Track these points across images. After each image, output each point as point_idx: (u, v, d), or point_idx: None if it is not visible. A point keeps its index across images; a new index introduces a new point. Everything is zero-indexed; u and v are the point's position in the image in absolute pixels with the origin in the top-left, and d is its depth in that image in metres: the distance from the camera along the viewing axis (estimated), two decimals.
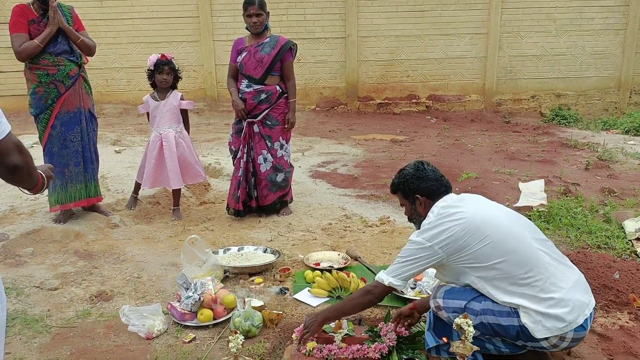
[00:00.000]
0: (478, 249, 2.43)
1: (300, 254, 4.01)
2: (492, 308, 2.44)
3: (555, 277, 2.40)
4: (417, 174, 2.73)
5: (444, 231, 2.48)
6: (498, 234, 2.44)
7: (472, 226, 2.46)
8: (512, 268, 2.39)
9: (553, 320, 2.32)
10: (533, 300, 2.35)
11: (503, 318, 2.40)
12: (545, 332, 2.33)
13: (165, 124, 4.81)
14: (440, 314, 2.58)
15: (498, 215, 2.58)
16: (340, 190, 5.86)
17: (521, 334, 2.38)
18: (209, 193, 5.69)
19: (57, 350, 2.87)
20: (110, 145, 7.68)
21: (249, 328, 2.95)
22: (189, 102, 4.90)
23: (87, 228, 4.58)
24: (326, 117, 11.01)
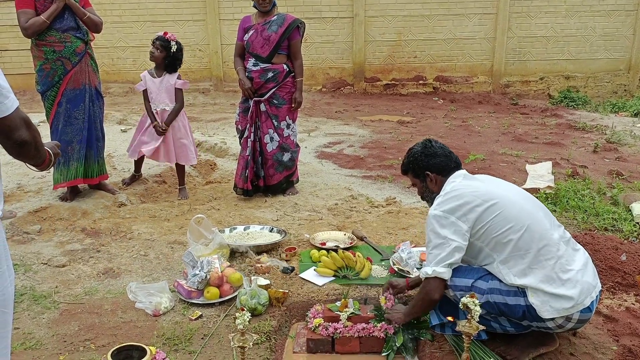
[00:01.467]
0: (495, 222, 2.43)
1: (307, 233, 4.01)
2: (499, 287, 2.44)
3: (565, 258, 2.41)
4: (426, 152, 2.74)
5: (462, 202, 2.48)
6: (513, 209, 2.45)
7: (487, 196, 2.47)
8: (527, 245, 2.39)
9: (561, 300, 2.33)
10: (544, 281, 2.35)
11: (510, 297, 2.41)
12: (552, 312, 2.33)
13: (160, 102, 4.78)
14: (446, 292, 2.58)
15: (512, 191, 2.59)
16: (347, 171, 5.85)
17: (527, 314, 2.39)
18: (215, 172, 5.69)
19: (65, 325, 2.89)
20: (116, 124, 7.68)
21: (255, 306, 2.96)
22: (184, 81, 4.84)
23: (93, 206, 4.60)
24: (332, 97, 10.96)
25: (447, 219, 2.50)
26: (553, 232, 2.47)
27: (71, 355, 2.64)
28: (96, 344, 2.72)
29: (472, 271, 2.55)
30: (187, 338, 2.76)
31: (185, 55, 4.96)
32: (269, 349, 2.72)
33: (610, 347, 2.61)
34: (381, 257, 3.62)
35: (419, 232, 4.04)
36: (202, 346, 2.70)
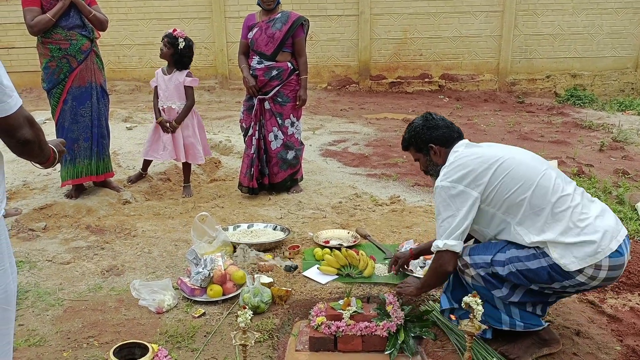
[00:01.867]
0: (504, 183, 2.40)
1: (310, 231, 4.01)
2: (518, 254, 2.40)
3: (581, 206, 2.37)
4: (427, 124, 2.71)
5: (468, 170, 2.45)
6: (520, 167, 2.42)
7: (492, 159, 2.45)
8: (540, 201, 2.36)
9: (583, 247, 2.28)
10: (563, 233, 2.31)
11: (530, 262, 2.36)
12: (577, 262, 2.28)
13: (169, 99, 4.79)
14: (467, 272, 2.54)
15: (518, 152, 2.56)
16: (351, 169, 5.85)
17: (554, 274, 2.33)
18: (219, 170, 5.70)
19: (69, 322, 2.91)
20: (122, 122, 7.71)
21: (257, 304, 2.97)
22: (193, 79, 4.85)
23: (98, 203, 4.62)
24: (338, 95, 10.95)
25: (455, 188, 2.46)
26: (565, 185, 2.42)
27: (75, 352, 2.65)
28: (99, 341, 2.73)
29: (490, 247, 2.52)
30: (190, 335, 2.77)
31: None
32: (271, 347, 2.72)
33: (613, 347, 2.60)
34: (384, 255, 3.62)
35: (422, 230, 4.03)
36: (204, 344, 2.70)
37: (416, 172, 5.66)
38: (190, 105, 4.85)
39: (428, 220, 4.27)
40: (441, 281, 2.69)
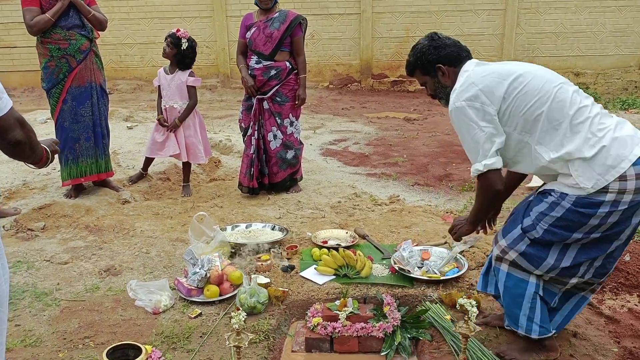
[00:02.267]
0: (520, 98, 2.27)
1: (309, 231, 4.00)
2: (541, 210, 2.31)
3: (599, 117, 2.26)
4: (434, 44, 2.55)
5: (482, 86, 2.32)
6: (536, 81, 2.30)
7: (507, 74, 2.32)
8: (558, 114, 2.24)
9: (604, 158, 2.18)
10: (582, 145, 2.20)
11: (554, 211, 2.26)
12: (600, 178, 2.17)
13: (171, 99, 4.79)
14: (507, 257, 2.43)
15: (533, 66, 2.43)
16: (351, 169, 5.83)
17: (582, 210, 2.21)
18: (219, 170, 5.70)
19: (65, 323, 2.91)
20: (123, 121, 7.71)
21: (254, 305, 2.96)
22: (196, 79, 4.85)
23: (97, 203, 4.62)
24: (339, 94, 10.94)
25: (472, 107, 2.31)
26: (582, 98, 2.31)
27: (70, 353, 2.65)
28: (95, 342, 2.73)
29: (514, 219, 2.45)
30: (186, 336, 2.77)
31: None
32: (267, 348, 2.71)
33: (610, 349, 2.58)
34: (382, 255, 3.61)
35: (421, 230, 4.02)
36: (200, 344, 2.70)
37: (416, 172, 5.65)
38: (193, 104, 4.85)
39: (427, 220, 4.26)
40: (494, 203, 2.51)
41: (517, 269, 2.43)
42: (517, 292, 2.44)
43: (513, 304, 2.47)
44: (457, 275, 3.22)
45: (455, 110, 2.35)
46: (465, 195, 4.93)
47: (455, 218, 2.73)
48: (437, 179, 5.39)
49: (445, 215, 4.35)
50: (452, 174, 5.51)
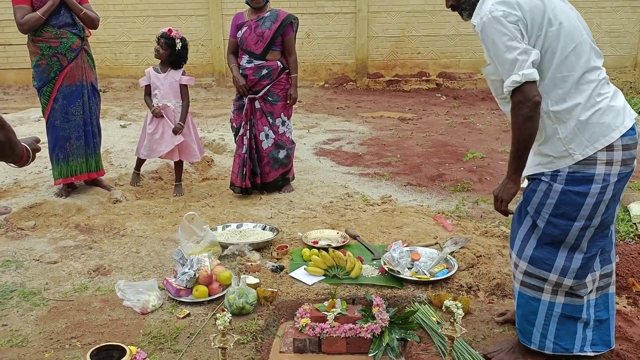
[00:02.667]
0: (549, 33, 2.18)
1: (300, 231, 3.99)
2: (536, 200, 2.31)
3: (604, 81, 2.24)
4: None
5: (521, 2, 2.18)
6: (568, 23, 2.20)
7: (547, 1, 2.21)
8: (571, 66, 2.18)
9: (595, 125, 2.17)
10: (580, 108, 2.19)
11: (549, 197, 2.26)
12: (587, 145, 2.17)
13: (165, 97, 4.77)
14: (519, 269, 2.42)
15: (566, 4, 2.32)
16: (344, 168, 5.83)
17: (575, 188, 2.19)
18: (211, 169, 5.69)
19: (52, 323, 2.89)
20: (116, 120, 7.69)
21: (242, 305, 2.95)
22: (190, 78, 4.84)
23: (88, 202, 4.60)
24: (335, 93, 10.93)
25: (509, 17, 2.16)
26: (597, 57, 2.25)
27: (57, 353, 2.64)
28: (82, 342, 2.72)
29: (515, 227, 2.44)
30: (174, 337, 2.76)
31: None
32: (254, 349, 2.71)
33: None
34: (373, 256, 3.60)
35: (412, 231, 4.01)
36: (187, 345, 2.69)
37: (409, 172, 5.65)
38: (188, 103, 4.85)
39: (419, 221, 4.25)
40: (534, 124, 2.19)
41: (528, 288, 2.40)
42: (529, 310, 2.42)
43: (525, 322, 2.45)
44: (447, 276, 3.21)
45: (490, 20, 2.19)
46: (457, 195, 4.93)
47: (494, 190, 2.43)
48: (429, 179, 5.39)
49: (437, 216, 4.34)
50: (445, 174, 5.51)
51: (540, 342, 2.42)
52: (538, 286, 2.38)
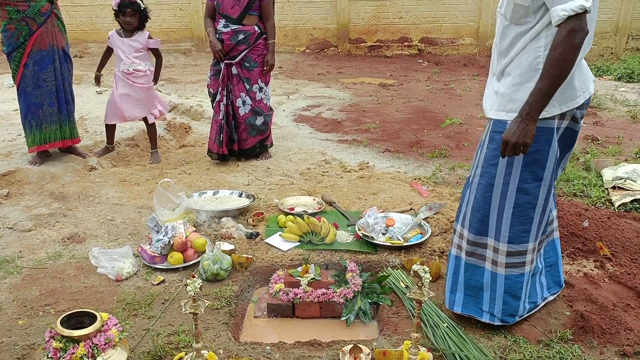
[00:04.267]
0: None
1: (276, 198, 4.00)
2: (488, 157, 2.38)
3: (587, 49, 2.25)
4: None
5: None
6: None
7: None
8: (593, 15, 2.18)
9: (567, 88, 2.22)
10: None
11: (522, 182, 2.33)
12: (555, 105, 2.23)
13: (134, 62, 4.67)
14: (500, 253, 2.45)
15: None
16: (322, 135, 5.81)
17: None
18: (189, 136, 5.64)
19: (26, 290, 2.89)
20: (92, 86, 7.53)
21: (217, 271, 2.97)
22: (156, 40, 4.74)
23: (63, 170, 4.55)
24: (316, 59, 10.82)
25: None
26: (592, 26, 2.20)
27: (30, 320, 2.64)
28: (56, 309, 2.73)
29: (483, 215, 2.45)
30: (148, 303, 2.77)
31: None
32: (228, 314, 2.73)
33: (563, 313, 2.65)
34: (348, 222, 3.63)
35: (388, 197, 4.04)
36: (161, 311, 2.71)
37: (387, 138, 5.65)
38: (161, 61, 4.86)
39: (395, 187, 4.28)
40: (577, 54, 2.10)
41: (512, 267, 2.46)
42: (515, 286, 2.48)
43: (511, 298, 2.48)
44: (420, 241, 3.26)
45: None
46: (434, 161, 4.95)
47: (505, 136, 2.23)
48: (407, 146, 5.40)
49: (413, 182, 4.37)
50: (423, 140, 5.52)
51: (522, 310, 2.51)
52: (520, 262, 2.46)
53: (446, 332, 2.45)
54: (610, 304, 2.69)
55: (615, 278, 2.96)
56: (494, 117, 2.38)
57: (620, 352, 2.36)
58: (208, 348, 2.39)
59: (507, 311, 2.48)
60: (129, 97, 4.73)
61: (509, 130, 2.21)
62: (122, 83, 4.72)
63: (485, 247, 2.47)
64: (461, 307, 2.55)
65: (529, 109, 2.16)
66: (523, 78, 2.24)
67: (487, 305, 2.50)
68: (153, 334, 2.51)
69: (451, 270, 2.62)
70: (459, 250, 2.58)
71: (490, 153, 2.38)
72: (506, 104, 2.32)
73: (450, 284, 2.61)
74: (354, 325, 2.76)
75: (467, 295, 2.54)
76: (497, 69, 2.38)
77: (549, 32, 2.16)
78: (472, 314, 2.53)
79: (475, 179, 2.47)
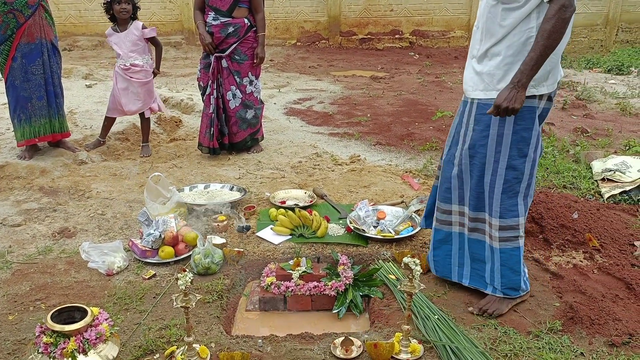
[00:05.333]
0: None
1: (267, 192, 4.00)
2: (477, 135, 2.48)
3: None
4: None
5: None
6: None
7: None
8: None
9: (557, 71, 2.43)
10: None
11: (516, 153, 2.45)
12: (533, 84, 2.35)
13: (130, 56, 4.64)
14: (493, 227, 2.57)
15: None
16: (314, 128, 5.81)
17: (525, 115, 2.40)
18: (180, 130, 5.61)
19: (16, 285, 2.88)
20: (82, 79, 7.49)
21: (208, 265, 2.97)
22: (151, 28, 4.70)
23: (52, 164, 4.52)
24: (307, 52, 10.78)
25: None
26: None
27: (21, 315, 2.63)
28: (47, 304, 2.72)
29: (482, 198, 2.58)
30: (139, 297, 2.77)
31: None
32: (220, 308, 2.73)
33: (552, 304, 2.67)
34: (339, 215, 3.63)
35: (380, 190, 4.05)
36: (153, 305, 2.70)
37: (378, 131, 5.65)
38: (161, 49, 4.85)
39: (386, 180, 4.29)
40: (566, 27, 2.25)
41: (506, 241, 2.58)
42: (513, 260, 2.58)
43: (511, 272, 2.59)
44: (411, 234, 3.27)
45: None
46: (425, 154, 4.96)
47: (497, 101, 2.33)
48: (399, 139, 5.41)
49: (404, 175, 4.38)
50: (414, 133, 5.53)
51: (524, 284, 2.62)
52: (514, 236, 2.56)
53: (437, 324, 2.47)
54: (599, 295, 2.72)
55: (604, 269, 2.99)
56: (481, 97, 2.47)
57: (609, 342, 2.38)
58: (200, 342, 2.39)
59: (506, 284, 2.59)
60: (128, 92, 4.70)
61: (500, 95, 2.33)
62: (121, 78, 4.70)
63: (484, 222, 2.61)
64: (469, 279, 2.72)
65: (520, 76, 2.29)
66: (516, 57, 2.35)
67: (489, 277, 2.64)
68: (144, 328, 2.50)
69: (456, 248, 2.73)
70: (461, 227, 2.70)
71: (477, 135, 2.50)
72: (496, 83, 2.41)
73: (458, 259, 2.73)
74: (345, 318, 2.77)
75: (473, 269, 2.70)
76: (480, 50, 2.46)
77: (540, 12, 2.28)
78: (478, 286, 2.69)
79: (465, 160, 2.56)
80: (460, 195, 2.64)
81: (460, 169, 2.59)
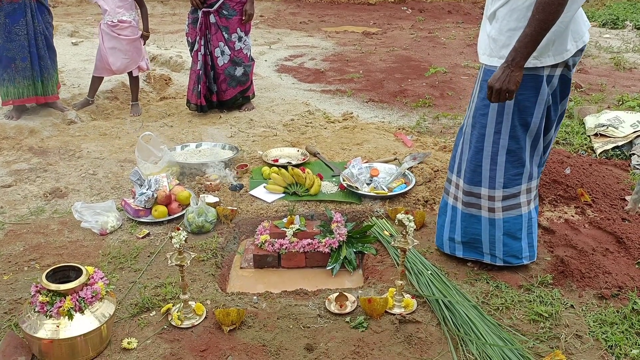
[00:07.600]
0: None
1: (260, 150, 3.97)
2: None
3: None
4: None
5: None
6: None
7: None
8: None
9: (564, 41, 2.21)
10: (569, 19, 2.18)
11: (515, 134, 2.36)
12: (552, 58, 2.23)
13: (117, 13, 4.52)
14: (497, 199, 2.50)
15: None
16: (306, 85, 5.74)
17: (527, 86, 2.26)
18: (169, 88, 5.53)
19: (10, 246, 2.87)
20: (68, 37, 7.32)
21: (202, 224, 2.97)
22: None
23: (41, 124, 4.46)
24: (298, 7, 10.57)
25: None
26: None
27: (15, 275, 2.63)
28: (41, 264, 2.72)
29: (479, 165, 2.48)
30: (134, 256, 2.77)
31: None
32: (214, 266, 2.74)
33: (544, 258, 2.70)
34: (332, 173, 3.62)
35: (372, 147, 4.03)
36: (147, 264, 2.71)
37: (371, 88, 5.60)
38: (146, 10, 4.74)
39: (379, 137, 4.27)
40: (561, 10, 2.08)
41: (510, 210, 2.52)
42: (515, 227, 2.54)
43: (512, 240, 2.55)
44: (404, 191, 3.27)
45: None
46: (418, 111, 4.93)
47: (491, 81, 2.21)
48: (391, 95, 5.36)
49: (397, 132, 4.36)
50: (407, 89, 5.48)
51: (525, 252, 2.57)
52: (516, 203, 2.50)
53: (430, 279, 2.49)
54: (589, 248, 2.75)
55: (595, 224, 3.01)
56: (486, 63, 2.35)
57: (599, 294, 2.42)
58: (195, 299, 2.41)
59: (508, 252, 2.56)
60: (116, 50, 4.60)
61: (494, 76, 2.19)
62: (108, 36, 4.58)
63: (479, 197, 2.52)
64: (462, 252, 2.64)
65: (514, 54, 2.13)
66: (519, 24, 2.18)
67: (487, 248, 2.58)
68: (140, 287, 2.52)
69: (448, 219, 2.66)
70: (455, 200, 2.62)
71: (480, 103, 2.39)
72: (499, 49, 2.28)
73: (449, 232, 2.65)
74: (339, 275, 2.79)
75: (466, 243, 2.61)
76: (489, 10, 2.33)
77: None
78: (474, 256, 2.63)
79: (467, 129, 2.48)
80: (459, 166, 2.57)
81: (463, 138, 2.53)
